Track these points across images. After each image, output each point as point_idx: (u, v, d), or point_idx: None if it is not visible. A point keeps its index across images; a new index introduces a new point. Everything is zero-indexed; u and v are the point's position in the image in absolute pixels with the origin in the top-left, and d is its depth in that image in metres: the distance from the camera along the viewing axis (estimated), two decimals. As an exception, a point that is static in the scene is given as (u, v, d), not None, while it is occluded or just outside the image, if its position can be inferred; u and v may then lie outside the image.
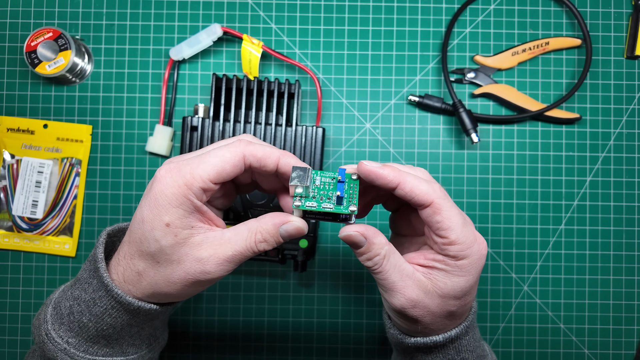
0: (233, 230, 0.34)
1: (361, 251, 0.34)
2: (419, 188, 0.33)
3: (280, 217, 0.34)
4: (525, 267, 0.56)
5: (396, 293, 0.34)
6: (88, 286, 0.35)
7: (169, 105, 0.56)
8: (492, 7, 0.57)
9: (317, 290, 0.56)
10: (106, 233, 0.37)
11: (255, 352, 0.56)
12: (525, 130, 0.56)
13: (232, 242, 0.33)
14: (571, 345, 0.56)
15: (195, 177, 0.32)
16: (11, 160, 0.55)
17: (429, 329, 0.36)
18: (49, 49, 0.52)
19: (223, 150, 0.33)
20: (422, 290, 0.34)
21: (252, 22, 0.56)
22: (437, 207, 0.33)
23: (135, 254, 0.34)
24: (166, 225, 0.32)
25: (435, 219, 0.33)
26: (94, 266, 0.35)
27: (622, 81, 0.56)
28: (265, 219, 0.34)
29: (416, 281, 0.34)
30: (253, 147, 0.33)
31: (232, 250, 0.33)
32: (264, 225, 0.34)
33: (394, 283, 0.34)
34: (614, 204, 0.56)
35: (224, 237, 0.33)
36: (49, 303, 0.38)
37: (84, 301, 0.35)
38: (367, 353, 0.56)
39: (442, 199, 0.33)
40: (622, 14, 0.57)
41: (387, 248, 0.34)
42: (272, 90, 0.53)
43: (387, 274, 0.34)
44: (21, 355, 0.55)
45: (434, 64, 0.56)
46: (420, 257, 0.36)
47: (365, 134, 0.56)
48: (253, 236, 0.34)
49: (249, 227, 0.34)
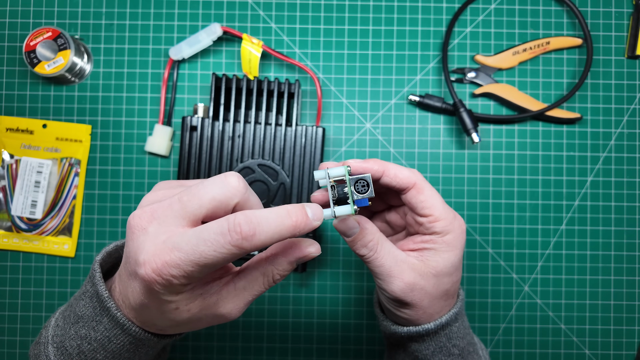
0: (245, 278, 0.32)
1: (355, 238, 0.35)
2: (402, 172, 0.36)
3: (293, 252, 0.32)
4: (526, 268, 0.56)
5: (394, 279, 0.36)
6: (97, 324, 0.34)
7: (168, 105, 0.56)
8: (492, 7, 0.56)
9: (317, 291, 0.56)
10: (99, 265, 0.35)
11: (255, 352, 0.55)
12: (526, 130, 0.56)
13: (247, 289, 0.32)
14: (572, 345, 0.56)
15: (190, 278, 0.28)
16: (10, 160, 0.55)
17: (426, 313, 0.38)
18: (48, 48, 0.52)
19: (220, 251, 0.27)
20: (418, 272, 0.36)
21: (252, 22, 0.56)
22: (419, 187, 0.36)
23: (149, 321, 0.33)
24: (176, 309, 0.30)
25: (419, 198, 0.36)
26: (101, 305, 0.34)
27: (623, 81, 0.56)
28: (278, 259, 0.32)
29: (410, 265, 0.36)
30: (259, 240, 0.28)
31: (251, 296, 0.32)
32: (279, 267, 0.32)
33: (390, 268, 0.36)
34: (614, 204, 0.56)
35: (237, 288, 0.32)
36: (45, 342, 0.36)
37: (96, 340, 0.34)
38: (368, 354, 0.56)
39: (423, 180, 0.36)
40: (622, 13, 0.56)
41: (379, 235, 0.36)
42: (272, 90, 0.53)
43: (382, 259, 0.35)
44: (20, 356, 0.55)
45: (434, 64, 0.56)
46: (409, 243, 0.38)
47: (366, 133, 0.56)
48: (270, 278, 0.32)
49: (263, 272, 0.32)
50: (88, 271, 0.55)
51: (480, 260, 0.56)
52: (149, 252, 0.28)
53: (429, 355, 0.39)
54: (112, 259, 0.39)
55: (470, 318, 0.56)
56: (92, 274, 0.35)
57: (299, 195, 0.52)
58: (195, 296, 0.31)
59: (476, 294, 0.56)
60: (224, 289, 0.31)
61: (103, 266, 0.37)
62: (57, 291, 0.55)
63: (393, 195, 0.40)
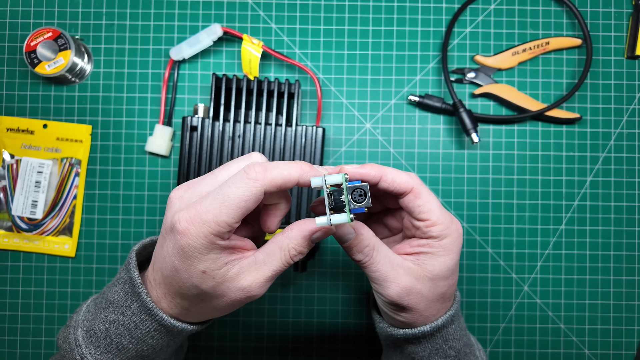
0: (264, 251, 0.34)
1: (350, 244, 0.35)
2: (399, 177, 0.36)
3: (306, 225, 0.34)
4: (525, 268, 0.56)
5: (390, 283, 0.36)
6: (126, 309, 0.36)
7: (168, 105, 0.56)
8: (492, 7, 0.57)
9: (317, 291, 0.56)
10: (135, 254, 0.38)
11: (255, 352, 0.55)
12: (525, 130, 0.56)
13: (267, 263, 0.34)
14: (571, 345, 0.56)
15: (220, 224, 0.31)
16: (11, 160, 0.55)
17: (423, 316, 0.38)
18: (49, 48, 0.52)
19: (242, 188, 0.31)
20: (414, 276, 0.36)
21: (252, 22, 0.56)
22: (417, 192, 0.36)
23: (176, 295, 0.35)
24: (202, 273, 0.33)
25: (416, 203, 0.36)
26: (132, 290, 0.36)
27: (622, 81, 0.56)
28: (293, 232, 0.34)
29: (407, 269, 0.36)
30: (272, 174, 0.32)
31: (270, 271, 0.34)
32: (294, 240, 0.34)
33: (386, 273, 0.36)
34: (614, 204, 0.56)
35: (258, 261, 0.34)
36: (75, 325, 0.37)
37: (123, 324, 0.35)
38: (368, 354, 0.56)
39: (421, 185, 0.36)
40: (622, 13, 0.57)
41: (375, 240, 0.36)
42: (272, 90, 0.53)
43: (378, 264, 0.36)
44: (21, 356, 0.55)
45: (434, 64, 0.56)
46: (405, 247, 0.38)
47: (365, 134, 0.56)
48: (287, 253, 0.34)
49: (280, 245, 0.34)
50: (89, 271, 0.55)
51: (480, 260, 0.56)
52: (183, 208, 0.32)
53: (426, 357, 0.40)
54: (146, 252, 0.40)
55: (470, 318, 0.56)
56: (128, 261, 0.37)
57: (299, 195, 0.52)
58: (220, 264, 0.33)
59: (476, 294, 0.56)
60: (245, 261, 0.34)
61: (138, 257, 0.39)
62: (57, 291, 0.55)
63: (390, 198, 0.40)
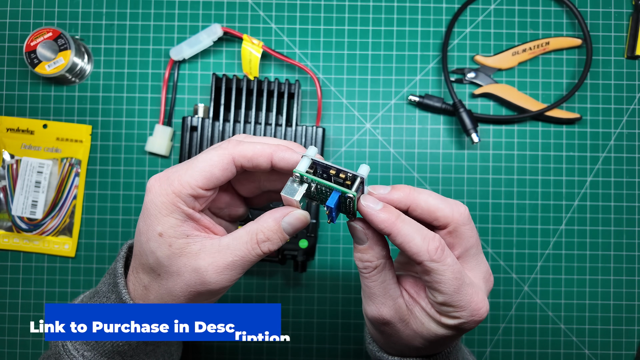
0: (232, 235, 0.32)
1: (360, 249, 0.32)
2: (411, 243, 0.30)
3: (279, 211, 0.32)
4: (525, 268, 0.56)
5: (372, 304, 0.33)
6: (106, 300, 0.35)
7: (168, 105, 0.56)
8: (492, 7, 0.57)
9: (317, 291, 0.56)
10: (127, 246, 0.37)
11: (255, 352, 0.55)
12: (525, 130, 0.56)
13: (231, 247, 0.31)
14: (572, 345, 0.56)
15: (183, 184, 0.30)
16: (11, 161, 0.55)
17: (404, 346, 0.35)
18: (49, 49, 0.52)
19: (210, 153, 0.31)
20: (399, 316, 0.33)
21: (252, 22, 0.56)
22: (426, 268, 0.30)
23: (139, 267, 0.33)
24: (159, 235, 0.31)
25: (424, 278, 0.31)
26: (114, 280, 0.35)
27: (622, 81, 0.56)
28: (264, 217, 0.32)
29: (396, 306, 0.33)
30: (242, 146, 0.31)
31: (232, 256, 0.31)
32: (264, 224, 0.31)
33: (374, 295, 0.33)
34: (614, 204, 0.56)
35: (222, 244, 0.31)
36: None
37: None
38: (368, 354, 0.56)
39: (434, 262, 0.30)
40: (622, 13, 0.57)
41: (384, 262, 0.32)
42: (272, 90, 0.53)
43: (372, 284, 0.32)
44: (21, 356, 0.55)
45: (434, 64, 0.56)
46: (410, 283, 0.34)
47: (365, 134, 0.56)
48: (254, 237, 0.31)
49: (248, 230, 0.32)
50: (88, 271, 0.55)
51: (480, 260, 0.56)
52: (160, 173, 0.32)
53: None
54: None
55: (470, 318, 0.56)
56: (119, 254, 0.36)
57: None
58: (179, 233, 0.31)
59: (476, 294, 0.56)
60: (208, 241, 0.32)
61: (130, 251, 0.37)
62: (57, 291, 0.55)
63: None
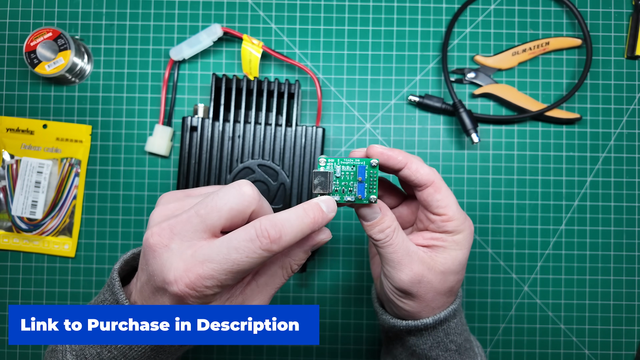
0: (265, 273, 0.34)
1: (374, 223, 0.36)
2: (423, 169, 0.37)
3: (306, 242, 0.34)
4: (525, 268, 0.56)
5: (404, 267, 0.36)
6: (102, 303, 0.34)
7: (168, 105, 0.56)
8: (492, 7, 0.57)
9: (317, 290, 0.56)
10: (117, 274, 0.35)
11: (255, 353, 0.55)
12: (525, 130, 0.56)
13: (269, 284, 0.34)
14: (572, 345, 0.56)
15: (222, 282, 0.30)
16: (10, 161, 0.55)
17: (429, 307, 0.38)
18: (49, 49, 0.52)
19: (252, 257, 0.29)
20: (426, 266, 0.37)
21: (252, 22, 0.56)
22: (437, 186, 0.37)
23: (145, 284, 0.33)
24: None
25: (435, 197, 0.37)
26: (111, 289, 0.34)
27: (622, 81, 0.56)
28: (294, 250, 0.34)
29: (420, 258, 0.37)
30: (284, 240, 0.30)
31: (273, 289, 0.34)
32: (295, 257, 0.34)
33: (401, 257, 0.36)
34: (614, 204, 0.56)
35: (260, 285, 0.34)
36: (62, 350, 0.35)
37: (116, 347, 0.34)
38: (368, 354, 0.56)
39: (441, 180, 0.37)
40: (622, 14, 0.57)
41: (396, 223, 0.37)
42: (272, 91, 0.53)
43: (396, 246, 0.36)
44: (20, 356, 0.55)
45: (434, 64, 0.56)
46: (418, 238, 0.38)
47: (365, 134, 0.56)
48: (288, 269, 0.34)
49: (282, 265, 0.34)
50: (89, 271, 0.55)
51: (479, 260, 0.56)
52: (179, 268, 0.29)
53: (427, 349, 0.40)
54: (128, 266, 0.38)
55: (470, 318, 0.56)
56: (112, 282, 0.34)
57: (299, 195, 0.52)
58: (223, 302, 0.32)
59: (476, 294, 0.56)
60: (247, 289, 0.33)
61: (120, 274, 0.37)
62: (57, 291, 0.55)
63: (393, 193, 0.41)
